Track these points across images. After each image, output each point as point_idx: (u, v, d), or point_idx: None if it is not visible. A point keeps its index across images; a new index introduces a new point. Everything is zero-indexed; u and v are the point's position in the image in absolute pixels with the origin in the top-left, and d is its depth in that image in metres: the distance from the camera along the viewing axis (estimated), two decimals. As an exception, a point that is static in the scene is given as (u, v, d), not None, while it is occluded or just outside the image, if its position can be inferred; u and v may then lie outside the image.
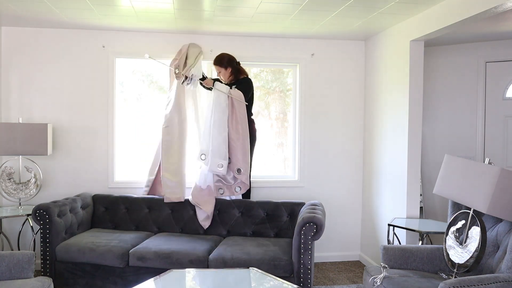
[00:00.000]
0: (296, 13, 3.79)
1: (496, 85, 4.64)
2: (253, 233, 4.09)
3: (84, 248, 3.55)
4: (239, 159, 4.11)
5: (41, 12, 3.85)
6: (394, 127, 4.24)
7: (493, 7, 2.87)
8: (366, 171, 4.86)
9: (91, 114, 4.53)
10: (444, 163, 2.99)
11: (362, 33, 4.53)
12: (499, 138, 4.64)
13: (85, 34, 4.49)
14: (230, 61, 4.30)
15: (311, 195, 4.84)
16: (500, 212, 2.56)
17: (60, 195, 4.43)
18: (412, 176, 4.00)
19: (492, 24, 3.88)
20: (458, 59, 4.77)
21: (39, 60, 4.45)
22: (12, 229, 4.38)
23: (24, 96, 4.43)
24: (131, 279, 3.53)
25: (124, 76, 4.65)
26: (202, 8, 3.68)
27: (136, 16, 3.94)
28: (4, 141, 4.01)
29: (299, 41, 4.79)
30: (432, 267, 3.06)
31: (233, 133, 4.13)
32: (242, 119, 4.15)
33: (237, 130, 4.13)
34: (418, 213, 4.03)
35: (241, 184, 4.19)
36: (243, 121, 4.16)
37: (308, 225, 3.35)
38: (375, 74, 4.65)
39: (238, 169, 4.11)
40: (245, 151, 4.13)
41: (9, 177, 4.14)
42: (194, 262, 3.44)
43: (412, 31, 3.90)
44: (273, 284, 2.75)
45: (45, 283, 2.75)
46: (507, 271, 2.50)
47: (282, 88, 4.99)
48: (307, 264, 3.35)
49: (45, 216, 3.59)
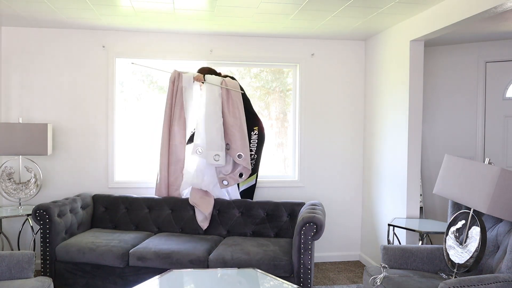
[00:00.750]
0: (296, 13, 3.79)
1: (496, 85, 4.64)
2: (253, 233, 4.09)
3: (84, 248, 3.55)
4: (239, 145, 4.13)
5: (41, 12, 3.85)
6: (394, 127, 4.24)
7: (493, 7, 2.87)
8: (366, 171, 4.86)
9: (91, 114, 4.54)
10: (444, 163, 2.99)
11: (362, 33, 4.53)
12: (499, 138, 4.64)
13: (85, 34, 4.49)
14: (210, 71, 4.32)
15: (311, 195, 4.84)
16: (500, 212, 2.56)
17: (60, 195, 4.43)
18: (412, 176, 4.00)
19: (492, 24, 3.88)
20: (458, 59, 4.77)
21: (39, 60, 4.45)
22: (12, 229, 4.39)
23: (24, 96, 4.44)
24: (131, 279, 3.53)
25: (124, 76, 4.65)
26: (202, 8, 3.68)
27: (136, 16, 3.95)
28: (4, 141, 4.01)
29: (299, 41, 4.79)
30: (432, 267, 3.06)
31: (231, 119, 4.15)
32: (238, 104, 4.19)
33: (234, 115, 4.15)
34: (418, 213, 4.03)
35: (243, 169, 4.20)
36: (239, 106, 4.19)
37: (308, 225, 3.35)
38: (375, 74, 4.65)
39: (239, 155, 4.13)
40: (243, 136, 4.16)
41: (9, 177, 4.14)
42: (194, 262, 3.45)
43: (412, 31, 3.90)
44: (273, 284, 2.75)
45: (45, 283, 2.75)
46: (507, 271, 2.50)
47: (282, 88, 4.99)
48: (307, 264, 3.35)
49: (45, 216, 3.59)
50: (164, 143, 4.25)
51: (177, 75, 4.25)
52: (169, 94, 4.26)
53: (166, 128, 4.25)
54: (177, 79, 4.24)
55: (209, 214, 4.10)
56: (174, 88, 4.25)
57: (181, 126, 4.25)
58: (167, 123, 4.25)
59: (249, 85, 4.89)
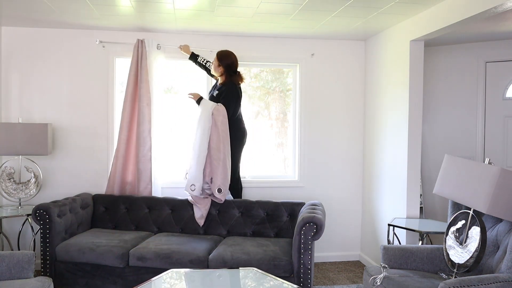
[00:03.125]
0: (296, 13, 3.79)
1: (496, 85, 4.64)
2: (253, 233, 4.09)
3: (84, 248, 3.55)
4: (219, 179, 4.03)
5: (41, 12, 3.85)
6: (394, 127, 4.24)
7: (493, 7, 2.87)
8: (366, 171, 4.86)
9: (91, 114, 4.54)
10: (444, 163, 2.99)
11: (362, 33, 4.53)
12: (499, 138, 4.64)
13: (85, 34, 4.49)
14: (229, 65, 4.16)
15: (311, 195, 4.84)
16: (500, 212, 2.56)
17: (60, 195, 4.43)
18: (412, 176, 4.00)
19: (492, 24, 3.88)
20: (458, 59, 4.77)
21: (39, 60, 4.45)
22: (12, 229, 4.38)
23: (24, 96, 4.44)
24: (131, 279, 3.53)
25: (124, 76, 4.64)
26: (202, 8, 3.68)
27: (136, 16, 3.94)
28: (4, 141, 4.01)
29: (299, 41, 4.79)
30: (432, 267, 3.06)
31: (215, 152, 4.03)
32: (224, 137, 4.05)
33: (219, 149, 4.03)
34: (418, 213, 4.03)
35: (216, 199, 4.13)
36: (225, 139, 4.05)
37: (308, 225, 3.35)
38: (375, 74, 4.65)
39: (219, 189, 4.06)
40: (226, 171, 4.05)
41: (9, 177, 4.14)
42: (194, 262, 3.45)
43: (412, 31, 3.90)
44: (273, 284, 2.75)
45: (45, 283, 2.75)
46: (507, 271, 2.50)
47: (282, 88, 4.99)
48: (307, 264, 3.35)
49: (45, 216, 3.59)
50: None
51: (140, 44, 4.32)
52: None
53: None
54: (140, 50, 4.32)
55: (206, 211, 4.10)
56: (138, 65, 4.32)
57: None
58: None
59: (249, 85, 4.89)
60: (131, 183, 4.38)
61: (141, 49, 4.32)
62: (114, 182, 4.32)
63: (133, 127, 4.36)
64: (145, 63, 4.32)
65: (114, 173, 4.31)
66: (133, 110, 4.35)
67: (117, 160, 4.30)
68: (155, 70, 4.38)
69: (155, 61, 4.38)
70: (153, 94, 4.35)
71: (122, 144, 4.31)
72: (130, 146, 4.36)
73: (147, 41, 4.34)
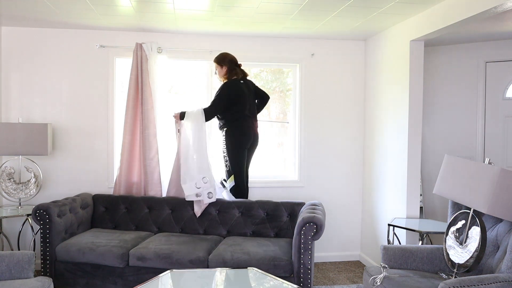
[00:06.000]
0: (296, 13, 3.79)
1: (496, 85, 4.64)
2: (253, 233, 4.09)
3: (84, 248, 3.55)
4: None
5: (41, 12, 3.85)
6: (394, 127, 4.24)
7: (493, 7, 2.87)
8: (366, 171, 4.86)
9: (91, 114, 4.54)
10: (444, 163, 2.99)
11: (362, 33, 4.53)
12: (499, 138, 4.64)
13: (85, 34, 4.49)
14: (231, 61, 4.23)
15: (311, 195, 4.84)
16: (500, 212, 2.56)
17: (60, 195, 4.43)
18: (412, 176, 4.00)
19: (492, 24, 3.88)
20: (458, 59, 4.77)
21: (39, 60, 4.45)
22: (12, 229, 4.39)
23: (24, 96, 4.44)
24: (131, 279, 3.53)
25: (124, 75, 4.64)
26: (202, 8, 3.68)
27: (136, 16, 3.95)
28: (4, 141, 4.01)
29: (299, 41, 4.79)
30: (432, 267, 3.06)
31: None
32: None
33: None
34: (418, 213, 4.03)
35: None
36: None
37: (308, 225, 3.35)
38: (375, 74, 4.65)
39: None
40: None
41: (9, 177, 4.14)
42: (194, 262, 3.44)
43: (412, 31, 3.90)
44: (273, 284, 2.75)
45: (45, 283, 2.75)
46: (507, 271, 2.50)
47: (282, 88, 4.99)
48: (307, 264, 3.35)
49: (45, 216, 3.59)
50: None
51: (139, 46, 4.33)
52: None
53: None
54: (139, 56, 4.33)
55: (204, 206, 4.12)
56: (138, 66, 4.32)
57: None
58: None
59: (249, 85, 4.88)
60: (136, 187, 4.38)
61: (140, 53, 4.32)
62: (120, 186, 4.35)
63: (136, 130, 4.35)
64: (146, 66, 4.32)
65: (120, 177, 4.34)
66: (135, 113, 4.35)
67: (122, 165, 4.32)
68: (156, 72, 4.37)
69: (155, 64, 4.36)
70: (156, 97, 4.34)
71: (126, 148, 4.32)
72: (134, 150, 4.37)
73: (146, 45, 4.33)
